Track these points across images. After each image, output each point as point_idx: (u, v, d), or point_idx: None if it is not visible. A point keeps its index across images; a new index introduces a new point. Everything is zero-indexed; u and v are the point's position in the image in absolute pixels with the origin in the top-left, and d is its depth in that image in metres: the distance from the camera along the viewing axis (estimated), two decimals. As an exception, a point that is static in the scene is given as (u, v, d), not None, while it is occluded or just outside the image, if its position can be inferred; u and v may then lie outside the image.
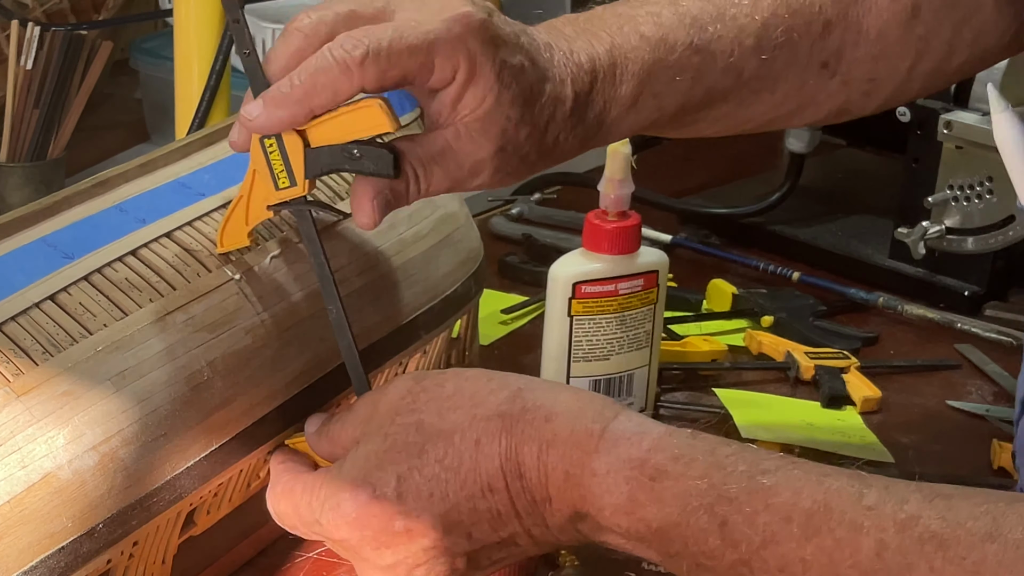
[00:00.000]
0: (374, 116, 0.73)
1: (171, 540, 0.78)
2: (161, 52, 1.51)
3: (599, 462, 0.69)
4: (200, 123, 1.09)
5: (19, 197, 1.34)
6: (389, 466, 0.72)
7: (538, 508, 0.71)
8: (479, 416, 0.72)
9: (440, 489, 0.71)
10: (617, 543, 0.70)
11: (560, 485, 0.70)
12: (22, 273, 0.74)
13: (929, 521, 0.62)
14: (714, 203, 1.44)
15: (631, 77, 0.79)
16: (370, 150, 0.74)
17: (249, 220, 0.78)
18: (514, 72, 0.75)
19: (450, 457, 0.71)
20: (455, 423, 0.72)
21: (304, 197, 0.76)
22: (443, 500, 0.71)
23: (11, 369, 0.70)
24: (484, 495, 0.71)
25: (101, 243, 0.78)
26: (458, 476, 0.71)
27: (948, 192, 1.27)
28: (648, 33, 0.80)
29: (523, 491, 0.71)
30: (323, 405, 0.84)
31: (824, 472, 0.66)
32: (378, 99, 0.73)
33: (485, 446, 0.71)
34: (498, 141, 0.76)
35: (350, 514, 0.72)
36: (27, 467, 0.69)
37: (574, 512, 0.70)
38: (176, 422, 0.75)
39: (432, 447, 0.72)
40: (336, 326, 0.78)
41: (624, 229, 1.01)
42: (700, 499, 0.67)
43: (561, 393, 0.73)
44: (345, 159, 0.74)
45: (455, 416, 0.72)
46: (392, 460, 0.72)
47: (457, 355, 1.02)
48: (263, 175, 0.76)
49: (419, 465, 0.72)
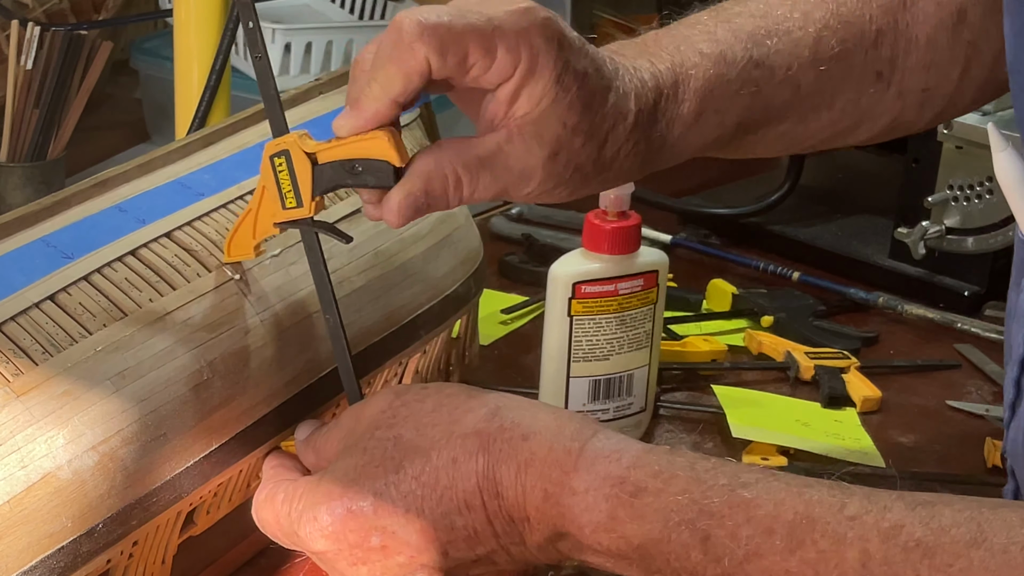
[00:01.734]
0: (381, 147, 0.73)
1: (171, 540, 0.78)
2: (161, 52, 1.51)
3: (578, 480, 0.69)
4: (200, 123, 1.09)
5: (19, 197, 1.34)
6: (366, 481, 0.72)
7: (516, 527, 0.71)
8: (456, 433, 0.72)
9: (416, 505, 0.71)
10: (598, 562, 0.70)
11: (539, 504, 0.70)
12: (22, 273, 0.74)
13: (913, 529, 0.62)
14: (714, 203, 1.44)
15: (693, 94, 0.78)
16: (371, 163, 0.74)
17: (256, 234, 0.79)
18: (577, 76, 0.73)
19: (427, 474, 0.71)
20: (433, 440, 0.72)
21: (310, 218, 0.76)
22: (419, 516, 0.71)
23: (11, 369, 0.70)
24: (461, 512, 0.71)
25: (101, 243, 0.78)
26: (435, 493, 0.71)
27: (948, 192, 1.27)
28: (707, 50, 0.79)
29: (500, 510, 0.70)
30: (322, 405, 0.84)
31: (805, 483, 0.66)
32: (387, 130, 0.73)
33: (462, 464, 0.71)
34: (552, 147, 0.74)
35: (327, 527, 0.72)
36: (27, 467, 0.69)
37: (554, 532, 0.70)
38: (176, 422, 0.75)
39: (409, 463, 0.71)
40: (332, 335, 0.78)
41: (624, 229, 1.01)
42: (681, 514, 0.66)
43: (539, 412, 0.73)
44: (347, 174, 0.74)
45: (433, 432, 0.72)
46: (370, 475, 0.72)
47: (457, 355, 1.02)
48: (271, 192, 0.76)
49: (396, 481, 0.71)
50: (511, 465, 0.70)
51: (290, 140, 0.75)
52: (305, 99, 0.94)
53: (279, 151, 0.75)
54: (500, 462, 0.70)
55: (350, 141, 0.74)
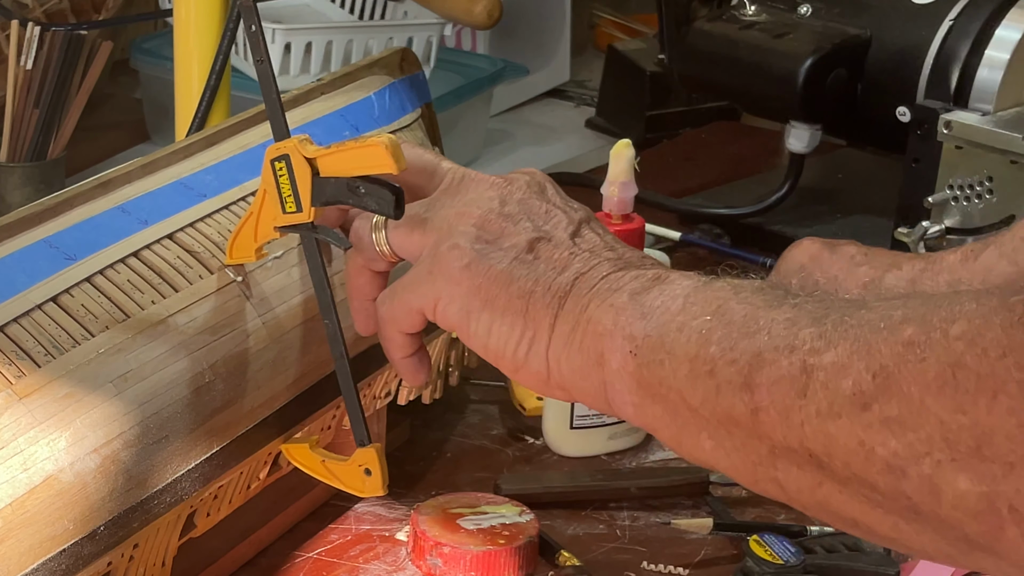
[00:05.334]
0: (379, 156, 0.73)
1: (171, 542, 0.78)
2: (161, 52, 1.51)
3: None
4: (200, 123, 1.09)
5: (19, 197, 1.33)
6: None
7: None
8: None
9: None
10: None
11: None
12: (24, 274, 0.74)
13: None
14: (714, 203, 1.44)
15: None
16: (374, 188, 0.73)
17: (258, 237, 0.79)
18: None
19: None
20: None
21: (310, 223, 0.76)
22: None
23: (13, 371, 0.70)
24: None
25: (103, 244, 0.78)
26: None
27: (948, 192, 1.27)
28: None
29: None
30: (324, 408, 0.84)
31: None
32: (385, 138, 0.73)
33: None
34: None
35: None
36: (29, 469, 0.69)
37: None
38: (177, 424, 0.75)
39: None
40: (331, 339, 0.78)
41: (629, 232, 1.01)
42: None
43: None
44: (349, 194, 0.74)
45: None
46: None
47: (456, 356, 1.02)
48: (272, 196, 0.76)
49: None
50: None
51: (291, 145, 0.75)
52: (306, 100, 0.94)
53: (280, 155, 0.75)
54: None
55: (349, 148, 0.74)
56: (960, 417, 0.51)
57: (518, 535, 0.89)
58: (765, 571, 0.87)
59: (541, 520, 0.91)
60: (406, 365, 0.77)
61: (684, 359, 0.63)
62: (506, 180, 0.74)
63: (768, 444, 0.59)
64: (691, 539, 0.93)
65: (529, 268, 0.70)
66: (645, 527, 0.95)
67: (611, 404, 0.67)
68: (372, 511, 0.94)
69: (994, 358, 0.51)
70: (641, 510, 0.97)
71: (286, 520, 0.91)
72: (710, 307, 0.63)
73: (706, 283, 0.66)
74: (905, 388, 0.53)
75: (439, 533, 0.88)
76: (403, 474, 0.98)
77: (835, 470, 0.56)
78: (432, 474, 1.00)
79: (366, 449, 0.78)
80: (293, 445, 0.83)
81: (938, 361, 0.53)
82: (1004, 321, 0.51)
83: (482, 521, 0.90)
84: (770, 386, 0.58)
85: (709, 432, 0.62)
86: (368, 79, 0.99)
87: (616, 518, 0.96)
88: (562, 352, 0.68)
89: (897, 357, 0.54)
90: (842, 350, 0.56)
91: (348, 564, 0.89)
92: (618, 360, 0.66)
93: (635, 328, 0.65)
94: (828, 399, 0.56)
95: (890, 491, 0.54)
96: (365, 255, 0.77)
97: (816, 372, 0.57)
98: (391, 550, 0.90)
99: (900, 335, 0.54)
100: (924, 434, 0.52)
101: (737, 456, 0.61)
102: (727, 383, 0.60)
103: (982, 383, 0.51)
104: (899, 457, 0.53)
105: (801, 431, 0.57)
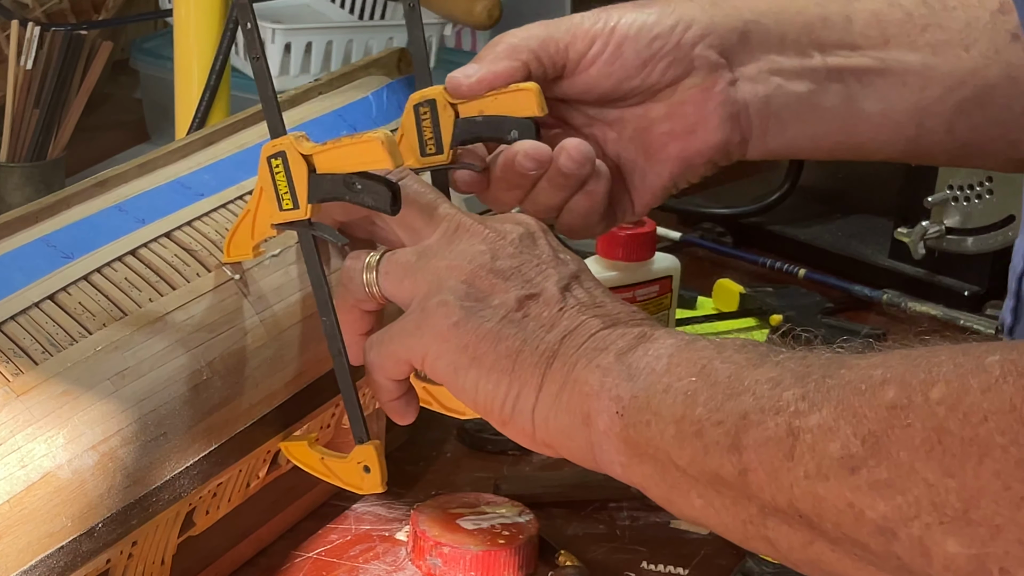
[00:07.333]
0: (375, 151, 0.72)
1: (170, 540, 0.78)
2: (161, 52, 1.51)
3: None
4: (200, 123, 1.09)
5: (19, 197, 1.33)
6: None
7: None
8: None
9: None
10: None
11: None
12: (22, 273, 0.74)
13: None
14: (714, 203, 1.44)
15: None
16: (370, 184, 0.73)
17: (255, 235, 0.79)
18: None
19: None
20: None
21: (307, 221, 0.76)
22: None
23: (11, 369, 0.70)
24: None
25: (101, 243, 0.78)
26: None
27: (948, 192, 1.27)
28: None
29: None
30: (322, 405, 0.84)
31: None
32: (381, 134, 0.72)
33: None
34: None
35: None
36: (27, 466, 0.69)
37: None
38: (175, 422, 0.75)
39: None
40: (328, 337, 0.78)
41: (640, 236, 1.00)
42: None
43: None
44: (346, 190, 0.74)
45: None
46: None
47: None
48: (269, 194, 0.76)
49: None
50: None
51: (286, 142, 0.75)
52: (304, 99, 0.94)
53: (276, 152, 0.75)
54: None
55: (345, 144, 0.73)
56: (948, 480, 0.52)
57: (518, 535, 0.89)
58: (765, 571, 0.87)
59: (541, 520, 0.91)
60: (394, 407, 0.77)
61: (671, 420, 0.63)
62: (498, 234, 0.74)
63: (757, 504, 0.60)
64: (691, 539, 0.93)
65: (517, 327, 0.70)
66: (645, 527, 0.95)
67: (599, 463, 0.68)
68: (372, 511, 0.94)
69: (976, 423, 0.52)
70: (641, 510, 0.96)
71: (286, 519, 0.91)
72: (695, 368, 0.64)
73: (689, 342, 0.67)
74: (894, 452, 0.54)
75: (439, 533, 0.88)
76: (402, 474, 0.98)
77: (826, 530, 0.57)
78: (432, 474, 1.00)
79: (365, 446, 0.78)
80: (292, 443, 0.82)
81: (924, 426, 0.53)
82: (981, 384, 0.52)
83: (482, 521, 0.90)
84: (757, 448, 0.59)
85: (698, 491, 0.63)
86: (366, 79, 0.99)
87: (616, 518, 0.96)
88: (549, 412, 0.69)
89: (883, 422, 0.55)
90: (827, 413, 0.57)
91: (348, 564, 0.89)
92: (605, 421, 0.66)
93: (622, 389, 0.66)
94: (816, 461, 0.56)
95: (882, 552, 0.55)
96: (355, 296, 0.76)
97: (803, 434, 0.57)
98: (391, 550, 0.90)
99: (882, 398, 0.55)
100: (912, 497, 0.53)
101: (727, 515, 0.62)
102: (715, 444, 0.61)
103: (967, 448, 0.52)
104: (889, 520, 0.54)
105: (790, 492, 0.58)
